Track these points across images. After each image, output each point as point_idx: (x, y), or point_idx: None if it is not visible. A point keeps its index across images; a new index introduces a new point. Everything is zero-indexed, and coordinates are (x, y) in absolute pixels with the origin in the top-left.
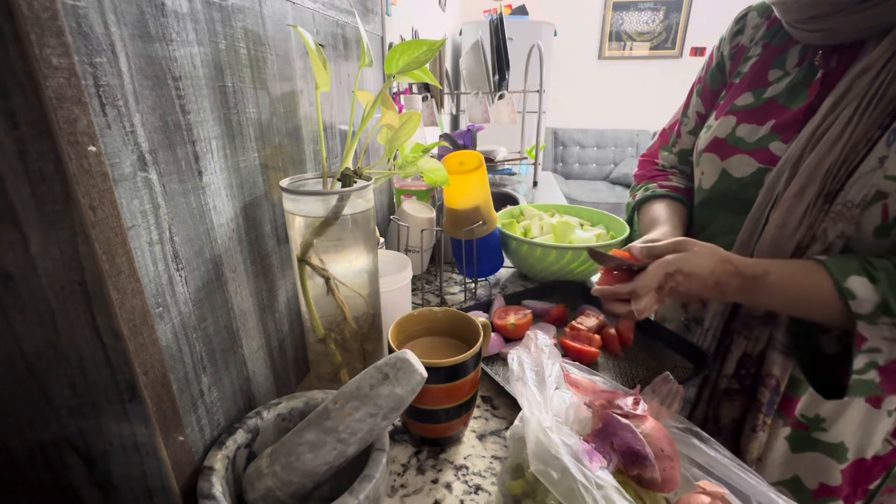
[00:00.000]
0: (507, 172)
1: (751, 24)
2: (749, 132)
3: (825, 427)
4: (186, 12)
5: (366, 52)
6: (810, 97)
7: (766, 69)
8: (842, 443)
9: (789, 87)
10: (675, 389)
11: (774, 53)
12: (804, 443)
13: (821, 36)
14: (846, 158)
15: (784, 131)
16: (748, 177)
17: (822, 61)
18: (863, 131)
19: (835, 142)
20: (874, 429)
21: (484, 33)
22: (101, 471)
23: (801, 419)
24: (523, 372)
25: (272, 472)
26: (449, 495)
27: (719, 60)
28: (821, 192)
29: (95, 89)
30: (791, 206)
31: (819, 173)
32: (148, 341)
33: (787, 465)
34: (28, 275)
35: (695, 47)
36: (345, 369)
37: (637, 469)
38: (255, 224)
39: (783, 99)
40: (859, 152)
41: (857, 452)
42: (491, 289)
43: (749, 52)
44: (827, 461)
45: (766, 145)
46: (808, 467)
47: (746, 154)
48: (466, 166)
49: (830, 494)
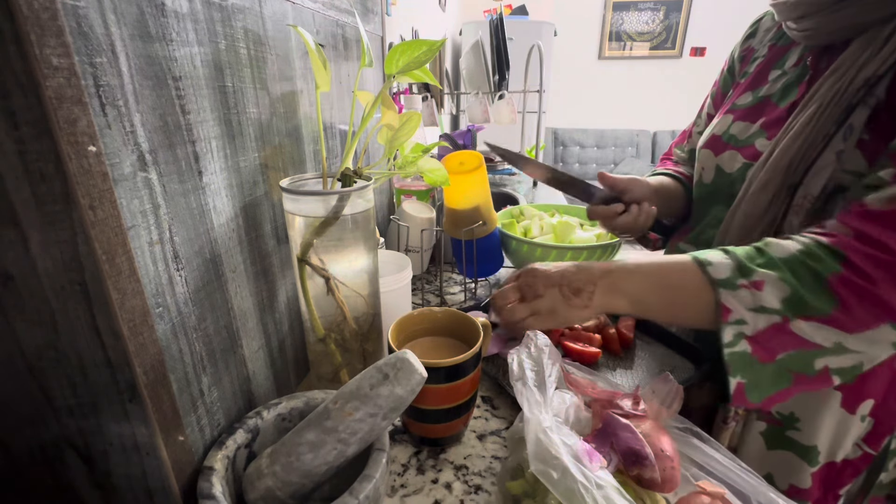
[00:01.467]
0: (507, 172)
1: (763, 27)
2: (741, 129)
3: (799, 427)
4: (186, 12)
5: (366, 52)
6: (798, 95)
7: (769, 69)
8: (814, 446)
9: (783, 86)
10: (675, 389)
11: (778, 54)
12: (778, 440)
13: (806, 35)
14: (805, 153)
15: (770, 128)
16: (735, 172)
17: (813, 61)
18: (821, 127)
19: (796, 137)
20: (846, 433)
21: (484, 33)
22: (101, 471)
23: (775, 415)
24: (523, 372)
25: (272, 472)
26: (449, 495)
27: (731, 64)
28: (783, 184)
29: (95, 89)
30: (757, 198)
31: (781, 167)
32: (148, 341)
33: (762, 461)
34: (28, 275)
35: (695, 47)
36: (345, 369)
37: (637, 469)
38: (255, 224)
39: (776, 97)
40: (817, 147)
41: (828, 456)
42: (491, 289)
43: (757, 53)
44: (799, 462)
45: (753, 142)
46: (780, 466)
47: (736, 150)
48: (466, 166)
49: (800, 497)
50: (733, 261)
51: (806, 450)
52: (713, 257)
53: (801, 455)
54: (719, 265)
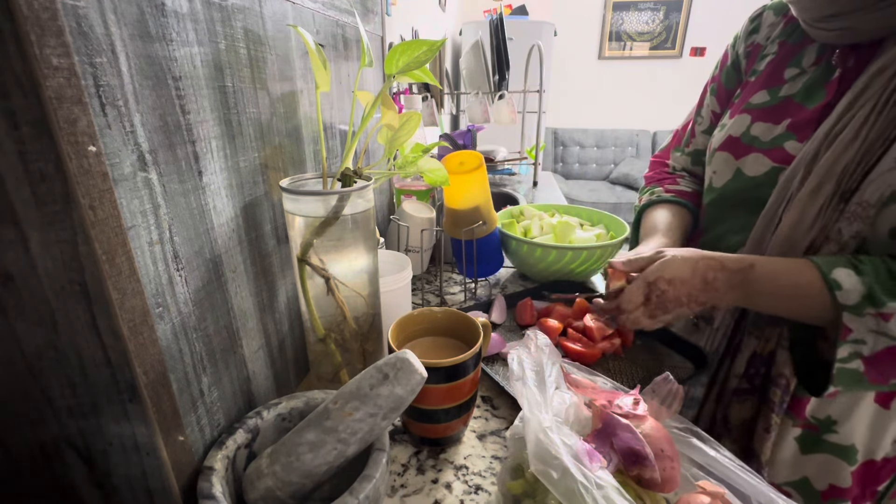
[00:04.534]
0: (507, 172)
1: (766, 22)
2: (764, 131)
3: (836, 429)
4: (186, 12)
5: (366, 52)
6: (828, 96)
7: (783, 67)
8: (852, 445)
9: (806, 86)
10: (675, 389)
11: (791, 51)
12: (814, 444)
13: (839, 34)
14: (862, 158)
15: (799, 130)
16: (762, 175)
17: (840, 60)
18: (879, 130)
19: (851, 141)
20: (884, 430)
21: (484, 33)
22: (101, 471)
23: (811, 420)
24: (523, 372)
25: (272, 472)
26: (449, 495)
27: (734, 59)
28: (836, 191)
29: (95, 89)
30: (805, 206)
31: (835, 172)
32: (148, 341)
33: (797, 465)
34: (28, 275)
35: (694, 47)
36: (345, 369)
37: (637, 469)
38: (255, 224)
39: (800, 98)
40: (875, 152)
41: (867, 454)
42: (491, 289)
43: (765, 49)
44: (837, 463)
45: (782, 144)
46: (817, 468)
47: (761, 153)
48: (466, 166)
49: (840, 496)
50: (864, 286)
51: (844, 450)
52: (844, 280)
53: (840, 455)
54: (849, 292)
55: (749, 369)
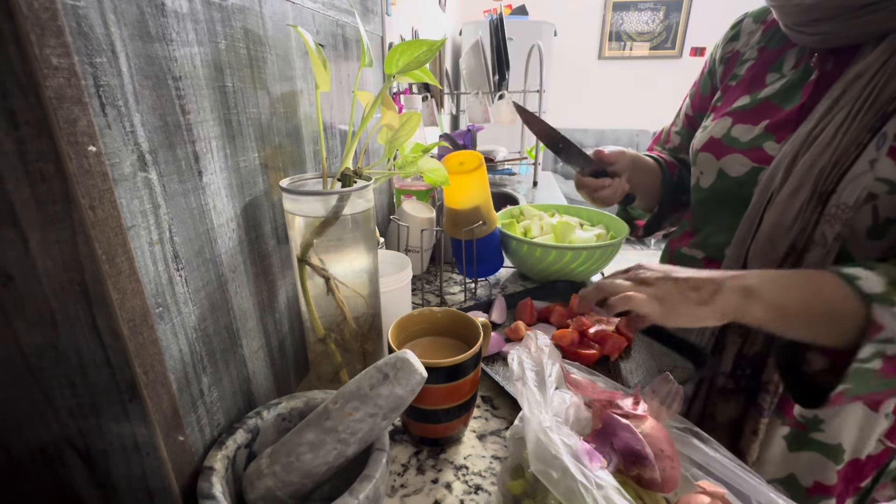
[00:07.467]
0: (507, 172)
1: (746, 30)
2: (743, 132)
3: (822, 427)
4: (186, 12)
5: (366, 52)
6: (803, 97)
7: (765, 72)
8: (839, 444)
9: (784, 88)
10: (675, 389)
11: (772, 56)
12: (802, 442)
13: (819, 39)
14: (837, 160)
15: (777, 131)
16: (743, 175)
17: (818, 63)
18: (854, 135)
19: (827, 144)
20: (871, 431)
21: (484, 33)
22: (101, 471)
23: (799, 419)
24: (523, 372)
25: (272, 472)
26: (449, 495)
27: (711, 66)
28: (813, 193)
29: (95, 89)
30: (785, 207)
31: (812, 174)
32: (148, 341)
33: (784, 463)
34: (28, 275)
35: (695, 47)
36: (345, 369)
37: (637, 469)
38: (255, 224)
39: (777, 99)
40: (850, 155)
41: (853, 453)
42: (491, 289)
43: (744, 56)
44: (824, 461)
45: (760, 144)
46: (804, 466)
47: (740, 153)
48: (466, 166)
49: (825, 492)
50: (884, 276)
51: (831, 449)
52: (858, 272)
53: (826, 454)
54: (869, 279)
55: (735, 370)
